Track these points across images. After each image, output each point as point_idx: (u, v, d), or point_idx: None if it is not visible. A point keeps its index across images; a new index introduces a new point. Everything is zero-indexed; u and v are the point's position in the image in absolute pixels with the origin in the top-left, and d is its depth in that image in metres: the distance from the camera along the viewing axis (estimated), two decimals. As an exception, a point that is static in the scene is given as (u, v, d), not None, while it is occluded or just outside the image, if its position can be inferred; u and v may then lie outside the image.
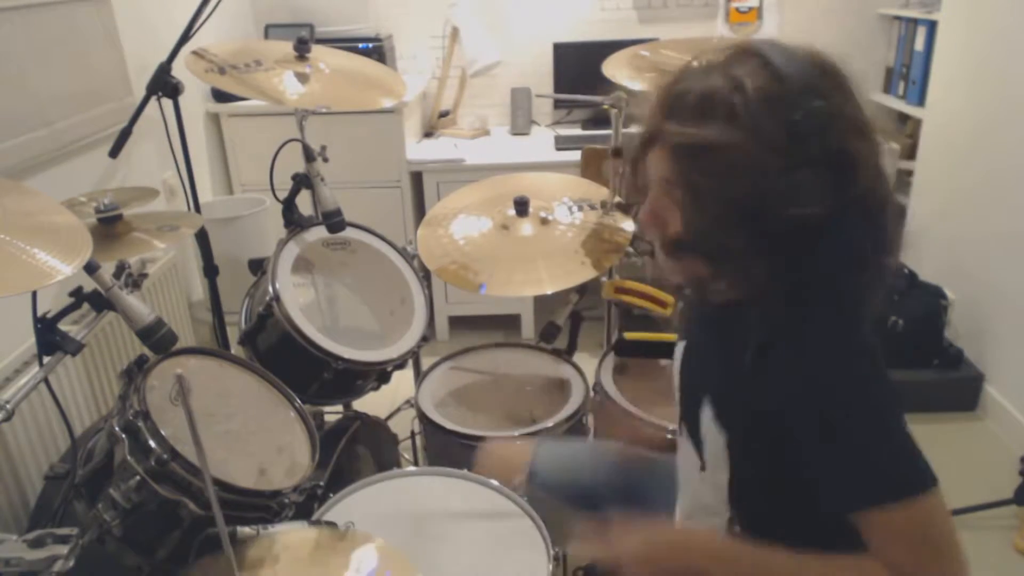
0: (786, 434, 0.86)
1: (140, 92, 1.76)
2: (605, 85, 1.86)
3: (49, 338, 1.14)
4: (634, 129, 0.92)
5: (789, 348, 0.85)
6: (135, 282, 1.34)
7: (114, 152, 1.74)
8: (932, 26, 2.75)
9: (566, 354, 1.86)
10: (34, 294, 1.07)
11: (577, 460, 1.35)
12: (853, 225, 0.82)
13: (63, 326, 1.16)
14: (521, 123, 3.27)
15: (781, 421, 0.86)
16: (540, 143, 3.14)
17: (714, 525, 1.00)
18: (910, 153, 2.99)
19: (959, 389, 2.48)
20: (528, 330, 3.05)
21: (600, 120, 3.21)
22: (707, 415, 0.96)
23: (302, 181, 1.73)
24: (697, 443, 0.99)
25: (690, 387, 1.05)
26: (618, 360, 1.76)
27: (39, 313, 1.13)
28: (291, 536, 1.10)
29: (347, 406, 1.93)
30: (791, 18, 3.18)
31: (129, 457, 1.10)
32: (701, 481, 1.01)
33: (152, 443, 1.10)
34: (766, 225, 0.81)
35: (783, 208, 0.79)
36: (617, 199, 1.80)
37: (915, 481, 0.82)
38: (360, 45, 2.83)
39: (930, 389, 2.45)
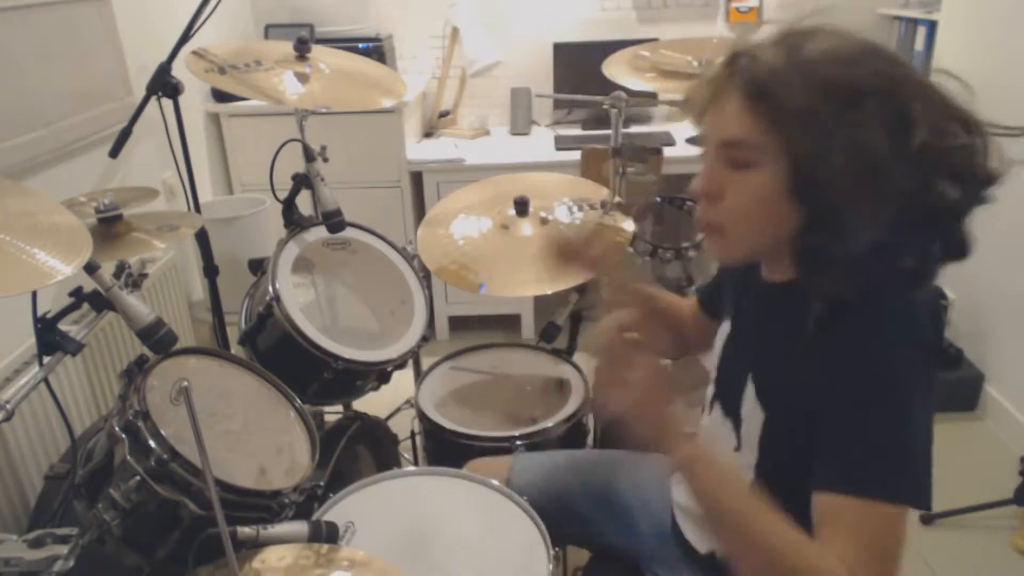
0: (821, 408, 0.85)
1: (140, 92, 1.76)
2: (605, 85, 1.86)
3: (49, 338, 1.14)
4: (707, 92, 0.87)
5: (852, 322, 0.84)
6: (135, 282, 1.34)
7: (114, 152, 1.74)
8: (932, 26, 2.75)
9: (566, 354, 1.86)
10: (34, 294, 1.07)
11: (553, 466, 1.37)
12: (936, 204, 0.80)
13: (63, 326, 1.16)
14: (521, 123, 3.27)
15: (822, 394, 0.84)
16: (540, 143, 3.14)
17: None
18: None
19: (959, 389, 2.48)
20: (528, 330, 3.05)
21: (600, 120, 3.20)
22: (749, 393, 0.96)
23: (302, 181, 1.73)
24: (736, 423, 0.99)
25: (733, 367, 1.04)
26: (618, 360, 1.76)
27: (39, 313, 1.13)
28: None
29: (347, 406, 1.93)
30: (791, 18, 3.18)
31: (129, 457, 1.10)
32: (734, 461, 1.00)
33: (152, 443, 1.10)
34: (873, 185, 0.78)
35: (887, 168, 0.77)
36: (617, 199, 1.80)
37: (908, 489, 0.80)
38: (360, 45, 2.83)
39: (930, 389, 2.46)
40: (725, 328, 1.08)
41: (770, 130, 0.81)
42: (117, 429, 1.12)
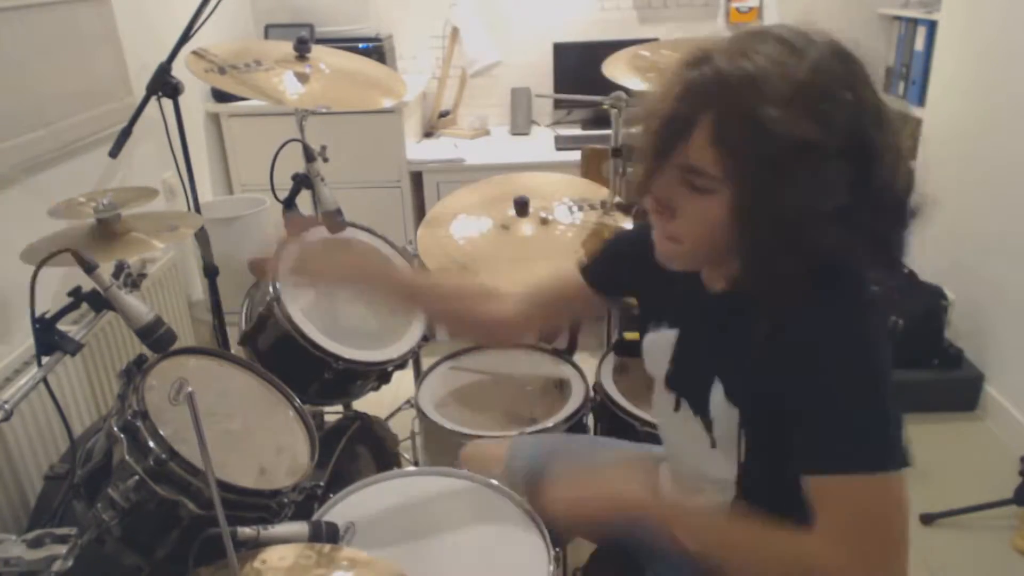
0: (788, 408, 0.87)
1: (140, 92, 1.76)
2: (605, 85, 1.86)
3: (48, 338, 1.13)
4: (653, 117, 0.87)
5: (798, 331, 0.86)
6: (134, 282, 1.33)
7: (114, 152, 1.73)
8: (932, 26, 2.75)
9: (566, 354, 1.86)
10: (32, 295, 1.07)
11: (552, 450, 1.37)
12: (871, 217, 0.83)
13: (62, 326, 1.16)
14: (521, 123, 3.27)
15: (785, 399, 0.87)
16: (540, 143, 3.14)
17: (723, 499, 1.02)
18: (910, 153, 2.99)
19: (959, 389, 2.48)
20: (528, 330, 3.05)
21: (600, 120, 3.20)
22: (717, 395, 0.97)
23: (302, 181, 1.73)
24: (707, 423, 1.00)
25: (693, 370, 1.05)
26: (618, 360, 1.76)
27: (38, 313, 1.13)
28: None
29: (347, 406, 1.93)
30: (791, 18, 3.18)
31: (128, 457, 1.09)
32: (712, 458, 1.02)
33: (151, 443, 1.10)
34: (794, 216, 0.80)
35: (811, 200, 0.79)
36: (617, 199, 1.80)
37: (887, 457, 0.82)
38: (360, 45, 2.83)
39: (930, 389, 2.45)
40: (669, 335, 1.08)
41: (734, 171, 0.82)
42: (116, 429, 1.12)
